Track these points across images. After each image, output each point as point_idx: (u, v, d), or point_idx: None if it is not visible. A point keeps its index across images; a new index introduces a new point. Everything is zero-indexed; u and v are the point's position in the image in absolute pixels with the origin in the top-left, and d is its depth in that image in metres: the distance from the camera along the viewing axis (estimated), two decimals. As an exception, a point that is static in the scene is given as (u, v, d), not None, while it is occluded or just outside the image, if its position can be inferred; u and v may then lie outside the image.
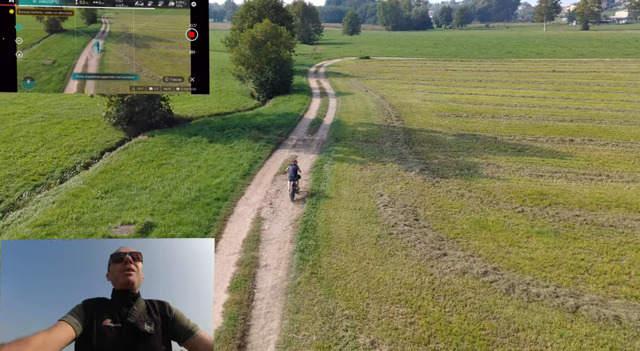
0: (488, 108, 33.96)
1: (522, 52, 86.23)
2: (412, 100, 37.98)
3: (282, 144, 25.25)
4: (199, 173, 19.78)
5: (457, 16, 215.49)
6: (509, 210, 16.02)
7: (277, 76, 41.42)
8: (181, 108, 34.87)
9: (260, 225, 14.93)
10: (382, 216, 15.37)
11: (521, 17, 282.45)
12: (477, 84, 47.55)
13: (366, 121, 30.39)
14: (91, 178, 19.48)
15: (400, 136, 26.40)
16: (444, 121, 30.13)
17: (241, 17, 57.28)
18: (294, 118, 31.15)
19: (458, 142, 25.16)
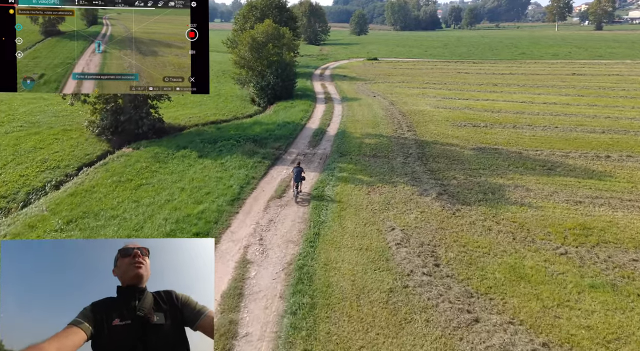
0: (508, 117, 31.01)
1: (537, 53, 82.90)
2: (423, 106, 35.11)
3: (279, 160, 22.50)
4: (181, 197, 17.09)
5: (466, 16, 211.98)
6: (548, 251, 13.16)
7: (278, 80, 38.71)
8: (174, 115, 32.29)
9: (246, 271, 12.19)
10: (394, 259, 12.59)
11: (531, 17, 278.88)
12: (493, 88, 44.55)
13: (374, 131, 27.57)
14: (57, 202, 16.87)
15: (412, 150, 23.57)
16: (460, 132, 27.25)
17: (243, 18, 54.69)
18: (295, 128, 28.38)
19: (478, 157, 22.30)
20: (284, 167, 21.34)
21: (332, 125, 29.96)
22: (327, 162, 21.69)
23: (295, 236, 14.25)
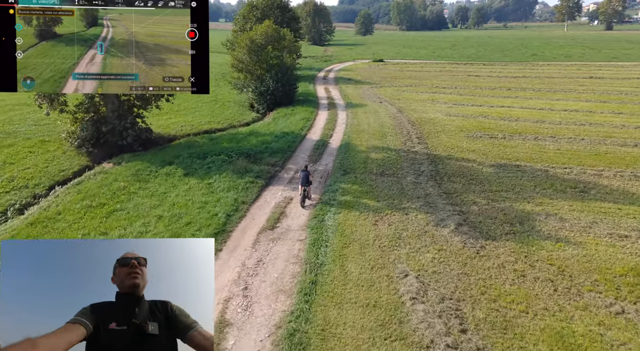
0: (527, 126, 28.39)
1: (548, 55, 79.98)
2: (434, 114, 32.53)
3: (275, 178, 20.02)
4: (157, 229, 14.64)
5: (473, 16, 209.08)
6: (600, 309, 10.60)
7: (278, 85, 36.24)
8: (166, 124, 29.94)
9: (223, 338, 9.71)
10: (409, 321, 10.07)
11: (539, 17, 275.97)
12: (507, 93, 41.89)
13: (381, 144, 25.04)
14: (12, 234, 14.49)
15: (424, 167, 21.03)
16: (476, 144, 24.67)
17: (243, 18, 52.26)
18: (294, 139, 25.86)
19: (499, 176, 19.72)
20: (279, 187, 18.85)
21: (335, 135, 27.43)
22: (328, 182, 19.17)
23: (287, 283, 11.77)
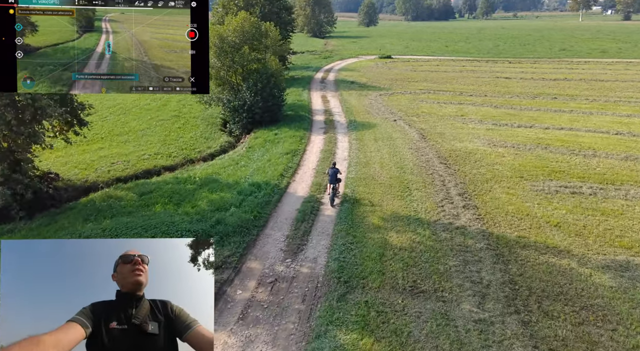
0: (616, 166, 19.11)
1: (579, 49, 70.03)
2: (471, 143, 23.25)
3: (219, 311, 10.85)
4: None
5: (482, 5, 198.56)
6: None
7: (258, 98, 26.96)
8: (90, 158, 20.88)
9: None
10: None
11: (547, 6, 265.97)
12: (556, 105, 32.51)
13: (405, 209, 15.80)
14: None
15: (486, 271, 11.88)
16: (556, 210, 15.45)
17: (223, 8, 42.72)
18: (267, 200, 16.39)
19: (625, 300, 10.59)
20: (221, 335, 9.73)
21: (333, 186, 18.18)
22: (311, 323, 10.03)
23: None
